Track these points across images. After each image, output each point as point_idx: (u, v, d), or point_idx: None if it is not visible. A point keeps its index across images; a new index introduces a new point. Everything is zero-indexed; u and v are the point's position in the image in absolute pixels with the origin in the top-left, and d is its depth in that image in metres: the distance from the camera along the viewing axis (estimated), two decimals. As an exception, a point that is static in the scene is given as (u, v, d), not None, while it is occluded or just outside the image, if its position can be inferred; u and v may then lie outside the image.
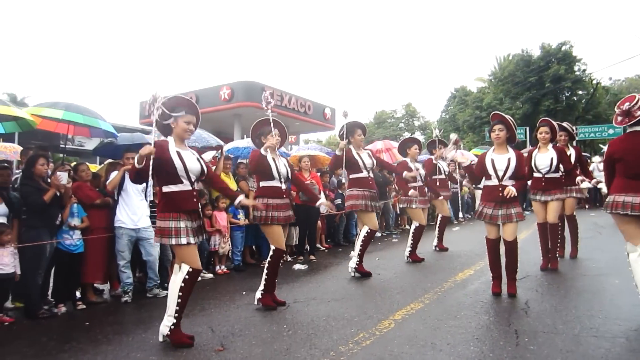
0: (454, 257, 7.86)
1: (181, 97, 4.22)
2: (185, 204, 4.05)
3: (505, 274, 5.30)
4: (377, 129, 51.02)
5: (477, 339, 3.95)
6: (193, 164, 4.11)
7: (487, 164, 5.31)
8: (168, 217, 3.98)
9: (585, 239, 7.77)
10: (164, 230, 3.97)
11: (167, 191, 4.03)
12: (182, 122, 4.09)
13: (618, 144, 4.57)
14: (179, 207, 4.02)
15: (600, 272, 6.31)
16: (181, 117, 4.10)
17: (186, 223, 4.02)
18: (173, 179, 4.01)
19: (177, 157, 4.00)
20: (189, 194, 4.09)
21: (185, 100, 4.20)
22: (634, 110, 4.43)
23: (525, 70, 38.70)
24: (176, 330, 4.05)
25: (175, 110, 4.10)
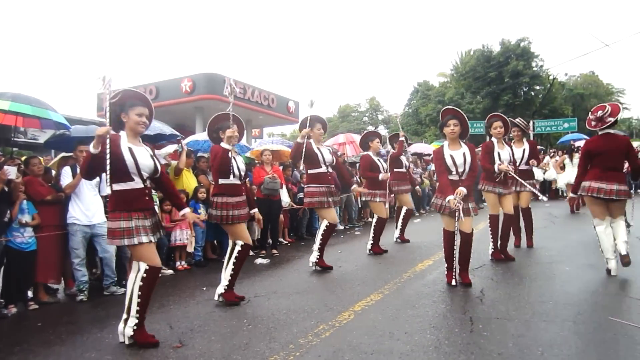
0: (414, 249, 7.96)
1: (131, 90, 4.07)
2: (137, 203, 3.89)
3: (459, 264, 5.39)
4: (341, 122, 51.25)
5: (433, 327, 4.02)
6: (146, 160, 3.96)
7: (447, 160, 5.37)
8: (119, 217, 3.81)
9: (539, 228, 7.98)
10: (114, 232, 3.81)
11: (118, 189, 3.83)
12: (133, 115, 3.93)
13: (596, 142, 5.73)
14: (130, 206, 3.85)
15: (552, 260, 6.50)
16: (132, 109, 3.94)
17: (137, 222, 3.85)
18: (123, 176, 3.83)
19: (128, 153, 3.83)
20: (141, 192, 3.94)
21: (135, 93, 4.06)
22: (605, 117, 5.61)
23: (486, 66, 39.54)
24: (140, 330, 3.94)
25: (126, 104, 3.95)
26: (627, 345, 3.50)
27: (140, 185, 3.94)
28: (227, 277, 5.10)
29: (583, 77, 50.96)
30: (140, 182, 3.93)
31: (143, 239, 3.86)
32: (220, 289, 5.12)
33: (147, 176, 4.01)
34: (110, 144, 3.71)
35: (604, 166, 5.58)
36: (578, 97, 47.60)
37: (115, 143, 3.80)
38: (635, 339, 3.59)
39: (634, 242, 7.66)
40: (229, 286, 5.11)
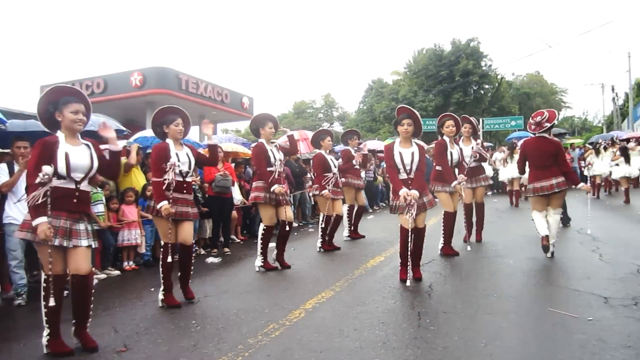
0: (366, 245, 8.04)
1: (63, 86, 3.89)
2: (65, 204, 3.69)
3: (411, 259, 5.47)
4: (296, 119, 51.19)
5: (382, 323, 4.07)
6: (81, 160, 3.77)
7: (395, 158, 5.44)
8: None
9: (486, 223, 8.19)
10: (25, 224, 3.61)
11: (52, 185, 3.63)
12: (68, 113, 3.72)
13: (531, 144, 6.55)
14: (58, 205, 3.65)
15: (498, 254, 6.70)
16: (66, 107, 3.73)
17: (57, 222, 3.63)
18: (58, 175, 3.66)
19: (62, 155, 3.66)
20: (70, 192, 3.74)
21: (68, 89, 3.88)
22: (543, 122, 6.39)
23: (438, 64, 40.33)
24: (52, 341, 3.72)
25: (60, 102, 3.76)
26: (564, 335, 3.64)
27: (71, 186, 3.75)
28: (161, 281, 4.97)
29: (529, 77, 52.79)
30: (72, 183, 3.75)
31: (56, 242, 3.60)
32: (160, 294, 4.98)
33: (82, 177, 3.80)
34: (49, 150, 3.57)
35: (538, 165, 6.38)
36: (524, 95, 49.23)
37: (52, 148, 3.64)
38: (572, 329, 3.74)
39: (574, 235, 8.03)
40: (165, 290, 4.95)
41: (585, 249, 6.82)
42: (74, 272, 3.72)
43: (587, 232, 7.85)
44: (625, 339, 3.49)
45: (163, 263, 4.95)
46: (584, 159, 19.16)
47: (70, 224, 3.71)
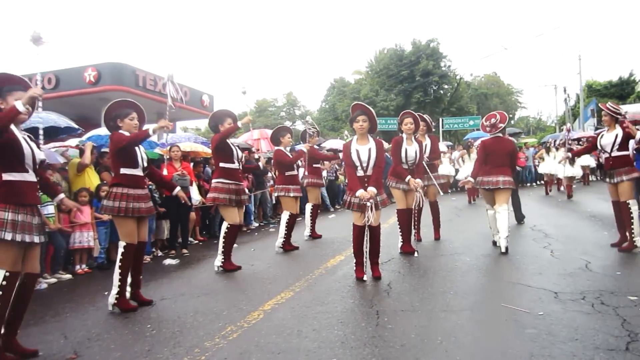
0: (327, 244, 8.05)
1: (6, 73, 3.70)
2: (27, 197, 3.57)
3: (369, 258, 5.50)
4: (258, 117, 50.88)
5: (341, 323, 4.08)
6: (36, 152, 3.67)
7: (352, 155, 5.46)
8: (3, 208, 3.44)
9: (445, 221, 8.34)
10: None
11: (9, 179, 3.48)
12: (12, 101, 3.49)
13: (489, 144, 7.00)
14: (20, 200, 3.51)
15: (455, 252, 6.82)
16: (10, 95, 3.56)
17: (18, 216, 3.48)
18: (17, 166, 3.51)
19: (25, 141, 3.52)
20: (33, 186, 3.64)
21: (11, 76, 3.70)
22: (498, 124, 6.99)
23: (398, 64, 40.83)
24: None
25: (3, 89, 3.59)
26: (517, 329, 3.73)
27: (33, 179, 3.64)
28: (116, 283, 4.77)
29: (487, 78, 54.07)
30: (33, 175, 3.64)
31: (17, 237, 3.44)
32: (111, 298, 4.80)
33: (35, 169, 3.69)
34: None
35: (494, 163, 6.84)
36: (482, 96, 50.42)
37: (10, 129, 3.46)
38: (524, 323, 3.83)
39: (527, 232, 8.25)
40: (120, 293, 4.78)
41: (537, 246, 7.01)
42: (29, 271, 3.60)
43: None
44: (573, 332, 3.60)
45: (123, 265, 4.78)
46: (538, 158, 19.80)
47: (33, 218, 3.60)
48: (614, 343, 3.39)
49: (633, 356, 3.17)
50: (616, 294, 4.51)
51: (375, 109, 38.79)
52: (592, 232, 8.06)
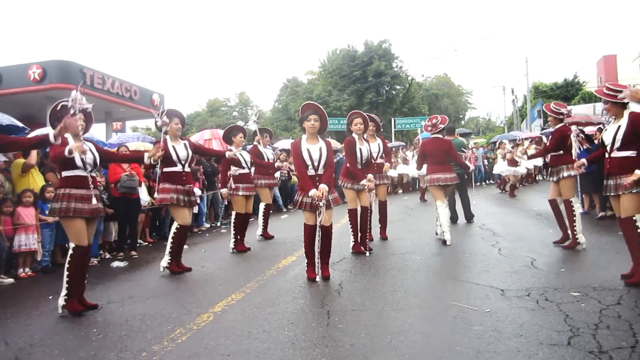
0: (279, 245, 8.02)
1: None
2: None
3: (320, 258, 5.50)
4: (210, 117, 50.26)
5: (292, 323, 4.07)
6: None
7: (303, 155, 5.45)
8: None
9: (395, 221, 8.46)
10: None
11: None
12: None
13: (429, 144, 7.70)
14: None
15: (406, 251, 6.92)
16: None
17: None
18: None
19: None
20: None
21: None
22: (438, 124, 7.65)
23: (351, 65, 41.18)
24: None
25: None
26: (464, 326, 3.81)
27: None
28: (64, 286, 4.66)
29: (437, 79, 55.21)
30: None
31: None
32: (61, 300, 4.67)
33: None
34: None
35: (435, 161, 7.55)
36: (433, 96, 51.46)
37: None
38: (471, 321, 3.92)
39: (476, 231, 8.47)
40: (69, 295, 4.65)
41: (486, 244, 7.19)
42: None
43: None
44: (518, 329, 3.71)
45: (71, 267, 4.65)
46: (488, 158, 20.38)
47: None
48: (556, 338, 3.50)
49: (575, 350, 3.28)
50: (559, 290, 4.67)
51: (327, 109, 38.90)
52: (537, 230, 8.33)
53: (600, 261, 5.77)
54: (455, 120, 54.56)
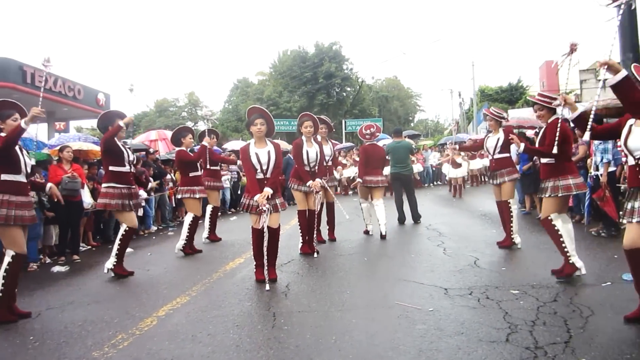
0: (227, 247, 7.94)
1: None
2: None
3: (267, 260, 5.48)
4: (158, 117, 49.18)
5: (237, 326, 4.04)
6: None
7: (252, 159, 5.43)
8: None
9: (344, 222, 8.50)
10: None
11: None
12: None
13: (368, 150, 8.44)
14: None
15: (354, 252, 7.00)
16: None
17: None
18: None
19: None
20: None
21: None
22: (375, 133, 8.51)
23: (302, 66, 41.25)
24: None
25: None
26: (408, 326, 3.89)
27: None
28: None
29: (387, 81, 56.02)
30: None
31: None
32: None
33: None
34: None
35: (372, 166, 8.35)
36: (383, 98, 52.19)
37: None
38: (415, 320, 4.01)
39: (423, 231, 8.64)
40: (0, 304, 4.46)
41: (431, 244, 7.35)
42: None
43: None
44: (459, 327, 3.81)
45: (9, 275, 4.48)
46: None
47: None
48: (495, 335, 3.62)
49: (512, 347, 3.40)
50: (500, 289, 4.83)
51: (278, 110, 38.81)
52: (481, 230, 8.59)
53: (539, 260, 5.97)
54: (404, 122, 55.55)
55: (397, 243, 7.73)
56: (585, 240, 7.05)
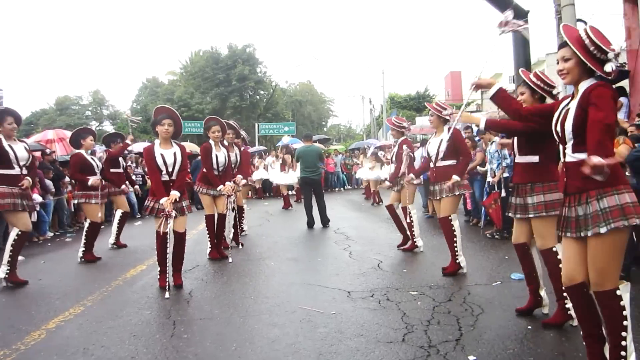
0: (130, 253, 7.61)
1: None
2: None
3: (172, 265, 5.32)
4: (59, 116, 46.41)
5: (134, 336, 3.87)
6: None
7: (157, 160, 5.27)
8: None
9: (254, 226, 8.48)
10: None
11: None
12: None
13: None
14: None
15: (261, 256, 6.96)
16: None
17: None
18: None
19: None
20: None
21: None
22: None
23: (215, 67, 40.61)
24: None
25: None
26: (309, 329, 3.92)
27: None
28: None
29: (301, 86, 56.50)
30: None
31: None
32: None
33: None
34: None
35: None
36: (297, 103, 52.57)
37: None
38: (317, 323, 4.04)
39: (331, 235, 8.77)
40: None
41: (338, 248, 7.47)
42: None
43: None
44: (359, 329, 3.90)
45: None
46: (347, 164, 21.28)
47: None
48: (392, 335, 3.74)
49: (408, 346, 3.52)
50: (400, 290, 5.00)
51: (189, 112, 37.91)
52: (387, 233, 8.83)
53: (439, 261, 6.21)
54: (318, 127, 56.29)
55: (304, 247, 7.78)
56: (480, 242, 7.50)
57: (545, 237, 3.87)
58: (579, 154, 2.78)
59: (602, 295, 2.77)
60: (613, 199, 2.68)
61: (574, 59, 2.82)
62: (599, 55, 2.75)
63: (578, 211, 2.80)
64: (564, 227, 2.93)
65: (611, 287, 2.75)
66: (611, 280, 2.76)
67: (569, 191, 2.88)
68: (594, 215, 2.71)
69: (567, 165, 2.89)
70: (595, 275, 2.78)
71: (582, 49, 2.74)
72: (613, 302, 2.75)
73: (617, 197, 2.68)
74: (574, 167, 2.80)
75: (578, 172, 2.68)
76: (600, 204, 2.70)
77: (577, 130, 2.77)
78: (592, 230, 2.71)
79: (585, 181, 2.71)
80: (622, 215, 2.65)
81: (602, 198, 2.70)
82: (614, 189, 2.70)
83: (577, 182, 2.79)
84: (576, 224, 2.82)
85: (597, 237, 2.71)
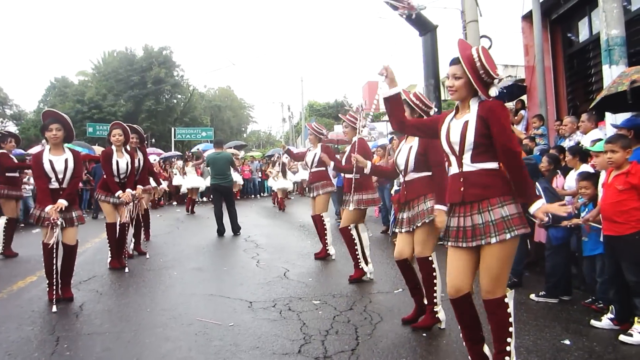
0: (20, 264, 7.08)
1: None
2: None
3: (61, 278, 4.99)
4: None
5: (9, 355, 3.59)
6: None
7: (45, 166, 4.97)
8: None
9: (161, 234, 8.16)
10: None
11: None
12: None
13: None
14: None
15: (165, 266, 6.70)
16: None
17: None
18: None
19: None
20: None
21: None
22: None
23: (129, 69, 39.20)
24: None
25: None
26: (204, 342, 3.80)
27: None
28: None
29: (220, 91, 55.79)
30: None
31: None
32: None
33: None
34: None
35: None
36: (216, 108, 51.78)
37: None
38: (212, 336, 3.93)
39: (241, 243, 8.63)
40: None
41: (247, 256, 7.35)
42: None
43: None
44: (256, 341, 3.82)
45: None
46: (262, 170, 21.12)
47: None
48: (289, 347, 3.69)
49: (303, 357, 3.49)
50: (303, 299, 4.97)
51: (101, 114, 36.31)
52: (297, 241, 8.83)
53: (345, 269, 6.24)
54: (237, 133, 55.71)
55: (211, 256, 7.59)
56: (388, 250, 7.65)
57: (425, 244, 4.06)
58: (479, 163, 2.87)
59: (492, 302, 2.88)
60: (513, 206, 2.80)
61: (464, 78, 2.90)
62: (486, 79, 2.86)
63: (476, 219, 2.86)
64: (455, 237, 2.96)
65: (501, 295, 2.87)
66: (502, 287, 2.88)
67: (466, 200, 2.92)
68: (498, 222, 2.78)
69: (464, 175, 2.93)
70: (489, 283, 2.87)
71: (472, 71, 2.84)
72: (501, 309, 2.87)
73: (515, 206, 2.81)
74: (472, 176, 2.89)
75: (477, 180, 2.81)
76: (502, 212, 2.79)
77: (479, 140, 2.84)
78: (498, 237, 2.77)
79: (485, 189, 2.82)
80: (522, 222, 2.79)
81: (504, 206, 2.80)
82: (512, 198, 2.82)
83: (477, 190, 2.86)
84: (472, 232, 2.87)
85: (498, 245, 2.78)
